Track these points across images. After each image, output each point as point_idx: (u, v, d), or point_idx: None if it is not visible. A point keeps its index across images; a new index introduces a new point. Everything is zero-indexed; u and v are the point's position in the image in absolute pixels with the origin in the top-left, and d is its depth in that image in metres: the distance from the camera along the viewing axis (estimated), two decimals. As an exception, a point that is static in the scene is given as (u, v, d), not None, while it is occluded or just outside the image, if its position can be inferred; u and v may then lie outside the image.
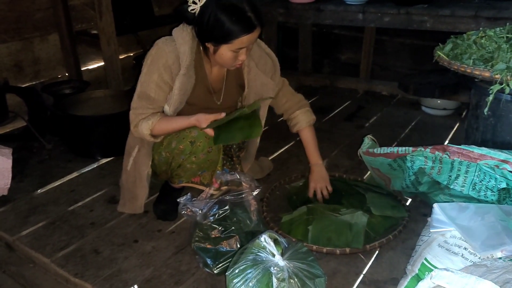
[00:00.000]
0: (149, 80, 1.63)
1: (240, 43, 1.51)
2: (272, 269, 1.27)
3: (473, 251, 1.25)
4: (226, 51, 1.54)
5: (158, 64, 1.61)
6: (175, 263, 1.62)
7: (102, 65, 2.96)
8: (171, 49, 1.60)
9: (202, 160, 1.66)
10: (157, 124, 1.63)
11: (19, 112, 2.42)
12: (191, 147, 1.62)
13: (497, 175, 1.52)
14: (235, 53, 1.55)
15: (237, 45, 1.51)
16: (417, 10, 2.40)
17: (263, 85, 1.80)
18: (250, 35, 1.50)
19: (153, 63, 1.62)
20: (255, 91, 1.80)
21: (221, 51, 1.55)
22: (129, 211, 1.89)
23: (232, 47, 1.52)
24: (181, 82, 1.62)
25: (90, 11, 3.08)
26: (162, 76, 1.62)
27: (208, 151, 1.66)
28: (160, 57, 1.61)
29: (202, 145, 1.63)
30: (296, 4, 2.74)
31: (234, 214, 1.60)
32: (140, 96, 1.65)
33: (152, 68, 1.62)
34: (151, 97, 1.64)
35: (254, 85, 1.79)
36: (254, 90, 1.80)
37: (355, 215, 1.72)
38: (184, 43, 1.60)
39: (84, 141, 2.40)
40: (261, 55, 1.78)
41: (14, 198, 2.03)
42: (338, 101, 3.15)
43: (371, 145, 1.86)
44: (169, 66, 1.61)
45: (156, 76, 1.62)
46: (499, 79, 1.54)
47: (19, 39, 2.82)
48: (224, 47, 1.53)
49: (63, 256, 1.67)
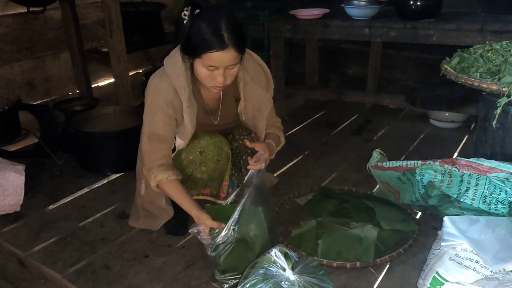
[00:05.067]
0: (154, 119, 1.65)
1: (209, 59, 1.49)
2: (283, 283, 1.26)
3: (485, 265, 1.24)
4: (199, 66, 1.54)
5: (159, 102, 1.62)
6: (185, 278, 1.62)
7: (112, 82, 3.00)
8: (167, 85, 1.61)
9: (212, 169, 1.67)
10: (166, 185, 1.64)
11: (31, 129, 2.46)
12: (200, 157, 1.65)
13: (507, 188, 1.52)
14: (210, 72, 1.53)
15: (207, 61, 1.50)
16: (423, 25, 2.42)
17: (259, 98, 1.78)
18: (220, 54, 1.47)
19: (153, 102, 1.64)
20: (252, 104, 1.79)
21: (195, 66, 1.55)
22: (143, 226, 1.89)
23: (203, 63, 1.51)
24: (189, 115, 1.63)
25: (100, 30, 3.14)
26: (167, 112, 1.63)
27: (217, 159, 1.68)
28: (159, 95, 1.62)
29: (212, 154, 1.66)
30: (303, 20, 2.78)
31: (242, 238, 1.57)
32: (150, 138, 1.66)
33: (154, 107, 1.64)
34: (161, 136, 1.65)
35: (250, 99, 1.78)
36: (251, 103, 1.79)
37: (365, 228, 1.71)
38: (178, 77, 1.60)
39: (95, 157, 2.43)
40: (255, 68, 1.77)
41: (26, 214, 2.05)
42: (345, 115, 3.16)
43: (379, 159, 1.86)
44: (170, 102, 1.62)
45: (161, 113, 1.63)
46: (506, 91, 1.55)
47: (32, 58, 2.88)
48: (197, 62, 1.53)
49: (74, 271, 1.68)
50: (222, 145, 1.71)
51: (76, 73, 3.06)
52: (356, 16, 2.63)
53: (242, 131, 1.82)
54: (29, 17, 2.77)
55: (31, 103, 2.85)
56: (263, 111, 1.80)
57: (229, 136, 1.83)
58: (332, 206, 1.95)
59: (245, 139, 1.81)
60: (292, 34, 2.87)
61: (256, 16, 3.19)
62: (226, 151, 1.71)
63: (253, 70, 1.75)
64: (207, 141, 1.65)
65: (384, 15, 2.64)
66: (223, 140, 1.72)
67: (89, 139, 2.39)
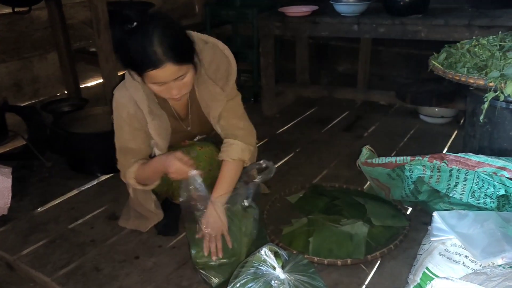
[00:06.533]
0: (122, 134, 1.62)
1: (151, 77, 1.39)
2: (273, 282, 1.26)
3: (474, 259, 1.25)
4: (147, 82, 1.43)
5: (123, 116, 1.59)
6: (176, 278, 1.61)
7: (101, 82, 2.98)
8: (128, 99, 1.55)
9: (204, 179, 1.65)
10: (138, 172, 1.62)
11: (18, 131, 2.43)
12: None
13: (495, 182, 1.52)
14: (160, 87, 1.43)
15: (150, 78, 1.40)
16: (412, 20, 2.43)
17: (210, 94, 1.60)
18: (157, 71, 1.36)
19: (118, 117, 1.61)
20: (205, 101, 1.63)
21: (144, 81, 1.45)
22: (132, 227, 1.88)
23: (147, 80, 1.41)
24: (154, 128, 1.58)
25: (88, 29, 3.11)
26: (132, 125, 1.59)
27: (209, 169, 1.66)
28: (121, 110, 1.58)
29: (203, 164, 1.63)
30: (292, 17, 2.77)
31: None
32: (120, 151, 1.65)
33: (119, 122, 1.61)
34: (132, 148, 1.63)
35: (203, 94, 1.62)
36: (205, 99, 1.62)
37: (355, 225, 1.72)
38: (136, 90, 1.54)
39: (84, 158, 2.41)
40: (212, 60, 1.58)
41: (14, 217, 2.03)
42: (336, 111, 3.16)
43: (369, 155, 1.86)
44: (133, 115, 1.57)
45: (127, 127, 1.60)
46: (493, 86, 1.55)
47: (18, 59, 2.84)
48: (143, 78, 1.42)
49: (64, 274, 1.66)
50: (213, 155, 1.68)
51: (64, 74, 3.02)
52: (344, 12, 2.63)
53: None
54: (14, 18, 2.73)
55: (18, 104, 2.82)
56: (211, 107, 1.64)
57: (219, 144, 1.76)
58: (323, 203, 1.95)
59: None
60: (281, 31, 2.86)
61: (245, 14, 3.17)
62: (217, 160, 1.67)
63: (209, 62, 1.58)
64: (198, 152, 1.63)
65: (373, 11, 2.64)
66: (213, 149, 1.69)
67: (78, 140, 2.37)
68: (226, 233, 1.58)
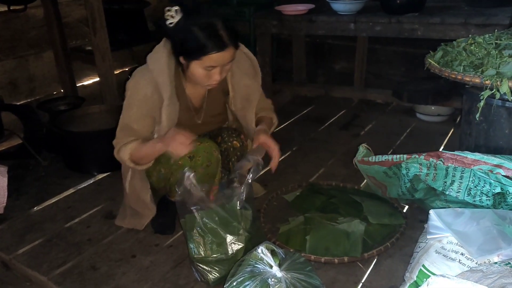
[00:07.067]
0: (129, 113, 1.64)
1: (210, 60, 1.50)
2: (269, 280, 1.26)
3: (470, 257, 1.25)
4: (197, 67, 1.53)
5: (138, 97, 1.61)
6: (173, 277, 1.61)
7: (97, 80, 2.97)
8: (148, 81, 1.60)
9: (201, 175, 1.65)
10: (135, 149, 1.63)
11: (14, 130, 2.43)
12: (190, 162, 1.62)
13: (491, 180, 1.53)
14: (207, 71, 1.54)
15: (207, 62, 1.50)
16: (408, 19, 2.43)
17: (247, 87, 1.78)
18: (220, 54, 1.49)
19: (132, 96, 1.63)
20: (241, 95, 1.79)
21: (192, 67, 1.55)
22: (129, 226, 1.88)
23: (202, 64, 1.51)
24: (167, 113, 1.62)
25: (84, 28, 3.10)
26: (141, 109, 1.62)
27: (207, 165, 1.66)
28: (138, 89, 1.61)
29: (202, 159, 1.64)
30: (289, 16, 2.77)
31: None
32: (122, 128, 1.66)
33: (131, 101, 1.63)
34: (134, 129, 1.64)
35: (239, 89, 1.78)
36: (240, 94, 1.79)
37: (352, 223, 1.72)
38: (161, 73, 1.59)
39: (80, 157, 2.40)
40: (241, 57, 1.75)
41: (11, 216, 2.02)
42: (333, 110, 3.16)
43: (366, 153, 1.86)
44: (149, 98, 1.61)
45: (135, 109, 1.63)
46: (489, 84, 1.56)
47: (14, 57, 2.83)
48: (194, 64, 1.53)
49: (60, 273, 1.66)
50: (212, 151, 1.68)
51: (60, 72, 3.02)
52: (341, 11, 2.63)
53: (231, 133, 1.82)
54: (10, 16, 2.72)
55: (14, 103, 2.81)
56: (251, 100, 1.81)
57: (218, 138, 1.82)
58: (320, 201, 1.95)
59: (234, 141, 1.81)
60: (278, 30, 2.87)
61: (242, 13, 3.17)
62: (216, 156, 1.69)
63: (239, 60, 1.72)
64: (197, 147, 1.64)
65: (369, 9, 2.65)
66: (213, 145, 1.70)
67: (75, 139, 2.36)
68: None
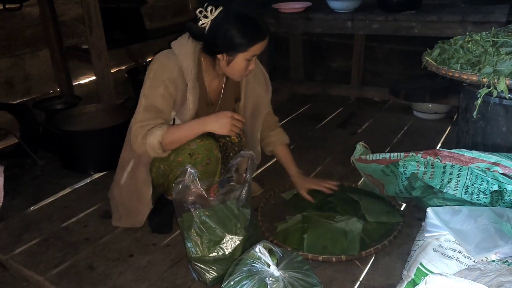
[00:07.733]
0: (154, 93, 1.63)
1: (254, 50, 1.58)
2: (267, 279, 1.26)
3: (468, 255, 1.25)
4: (241, 60, 1.59)
5: (163, 77, 1.62)
6: (170, 276, 1.61)
7: (94, 79, 2.95)
8: (174, 63, 1.63)
9: (201, 172, 1.65)
10: (169, 131, 1.60)
11: (10, 129, 2.41)
12: (189, 159, 1.62)
13: (488, 177, 1.53)
14: (248, 62, 1.61)
15: (252, 52, 1.58)
16: (405, 17, 2.43)
17: (259, 97, 1.86)
18: (264, 42, 1.59)
19: (156, 76, 1.63)
20: (252, 103, 1.85)
21: (236, 61, 1.59)
22: (126, 225, 1.87)
23: (247, 55, 1.58)
24: (193, 95, 1.65)
25: (80, 26, 3.08)
26: (168, 89, 1.63)
27: (207, 163, 1.65)
28: (164, 71, 1.62)
29: (201, 157, 1.63)
30: (285, 14, 2.77)
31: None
32: (146, 109, 1.63)
33: (156, 81, 1.63)
34: (159, 109, 1.63)
35: (251, 97, 1.84)
36: (251, 102, 1.85)
37: (350, 222, 1.72)
38: (187, 57, 1.62)
39: (77, 156, 2.39)
40: (258, 70, 1.84)
41: (7, 216, 2.01)
42: (330, 108, 3.16)
43: (363, 151, 1.86)
44: (174, 80, 1.62)
45: (162, 88, 1.62)
46: (486, 82, 1.56)
47: (10, 56, 2.81)
48: (239, 56, 1.58)
49: (57, 273, 1.65)
50: (212, 148, 1.67)
51: (56, 71, 3.00)
52: (338, 9, 2.63)
53: None
54: (5, 14, 2.70)
55: (10, 102, 2.79)
56: (261, 110, 1.88)
57: None
58: (317, 200, 1.95)
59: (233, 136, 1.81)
60: (275, 28, 2.86)
61: (239, 11, 3.17)
62: (216, 154, 1.68)
63: (256, 72, 1.81)
64: (197, 144, 1.63)
65: (366, 7, 2.64)
66: (213, 143, 1.69)
67: (71, 138, 2.35)
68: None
